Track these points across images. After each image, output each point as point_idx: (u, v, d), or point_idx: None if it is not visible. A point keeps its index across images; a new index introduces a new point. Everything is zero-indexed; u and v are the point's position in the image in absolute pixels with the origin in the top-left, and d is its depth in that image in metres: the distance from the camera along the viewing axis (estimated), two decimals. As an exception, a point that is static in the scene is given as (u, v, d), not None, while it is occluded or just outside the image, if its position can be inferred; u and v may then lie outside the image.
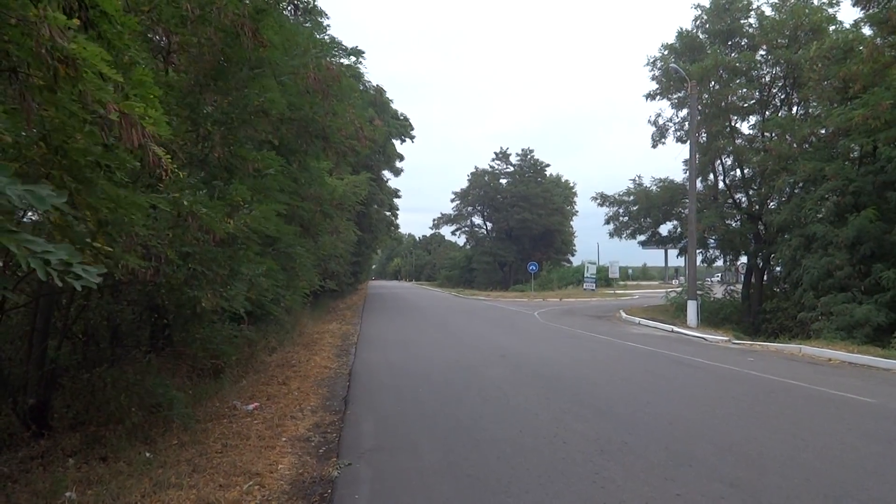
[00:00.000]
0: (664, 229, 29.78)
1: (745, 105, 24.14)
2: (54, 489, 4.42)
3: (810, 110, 22.63)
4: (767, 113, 24.08)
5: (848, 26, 20.03)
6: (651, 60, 26.77)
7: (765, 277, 24.56)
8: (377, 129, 10.48)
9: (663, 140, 28.38)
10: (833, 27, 21.39)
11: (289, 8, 10.11)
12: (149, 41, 5.93)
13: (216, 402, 7.46)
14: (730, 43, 25.12)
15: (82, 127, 2.98)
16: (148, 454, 5.37)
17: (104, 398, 6.20)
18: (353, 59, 10.27)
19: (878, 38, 16.85)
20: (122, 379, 6.40)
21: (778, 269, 23.42)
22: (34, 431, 5.56)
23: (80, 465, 5.09)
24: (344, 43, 8.54)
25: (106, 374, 6.44)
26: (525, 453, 5.69)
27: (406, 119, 36.48)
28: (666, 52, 26.37)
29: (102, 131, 2.93)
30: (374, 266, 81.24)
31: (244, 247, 6.80)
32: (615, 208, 29.91)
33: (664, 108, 48.77)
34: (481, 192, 66.00)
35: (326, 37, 9.70)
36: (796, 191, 20.93)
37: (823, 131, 19.04)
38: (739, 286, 28.36)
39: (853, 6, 18.04)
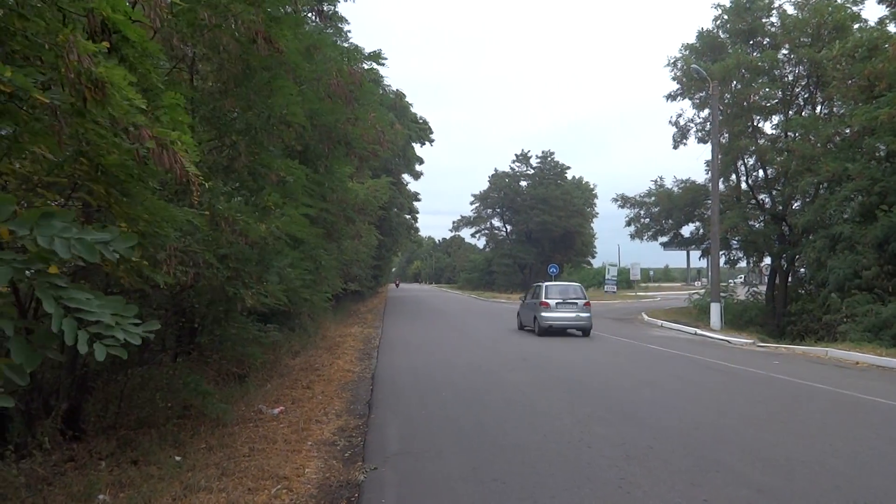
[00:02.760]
0: (686, 231, 29.54)
1: (768, 104, 23.84)
2: (88, 492, 4.52)
3: (834, 109, 22.32)
4: (790, 112, 23.77)
5: (873, 24, 19.75)
6: (672, 61, 26.57)
7: (789, 279, 24.21)
8: (398, 132, 10.55)
9: (685, 141, 28.20)
10: (857, 25, 21.08)
11: (311, 14, 10.22)
12: (170, 52, 6.05)
13: (242, 406, 7.55)
14: (751, 42, 24.86)
15: (116, 144, 3.06)
16: (178, 458, 5.46)
17: (135, 402, 6.33)
18: (372, 63, 10.37)
19: (904, 35, 16.58)
20: (154, 380, 6.52)
21: (802, 270, 23.09)
22: (68, 435, 5.68)
23: (112, 468, 5.19)
24: (365, 45, 8.65)
25: (136, 377, 6.57)
26: (550, 458, 5.69)
27: (425, 122, 36.61)
28: (687, 52, 26.17)
29: (136, 155, 3.00)
30: (394, 269, 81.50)
31: (275, 249, 6.94)
32: (636, 210, 29.74)
33: (685, 108, 48.41)
34: (501, 194, 65.92)
35: (348, 43, 9.79)
36: (820, 191, 20.64)
37: (848, 131, 18.76)
38: (763, 288, 27.98)
39: (878, 3, 17.86)
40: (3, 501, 4.11)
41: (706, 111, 26.03)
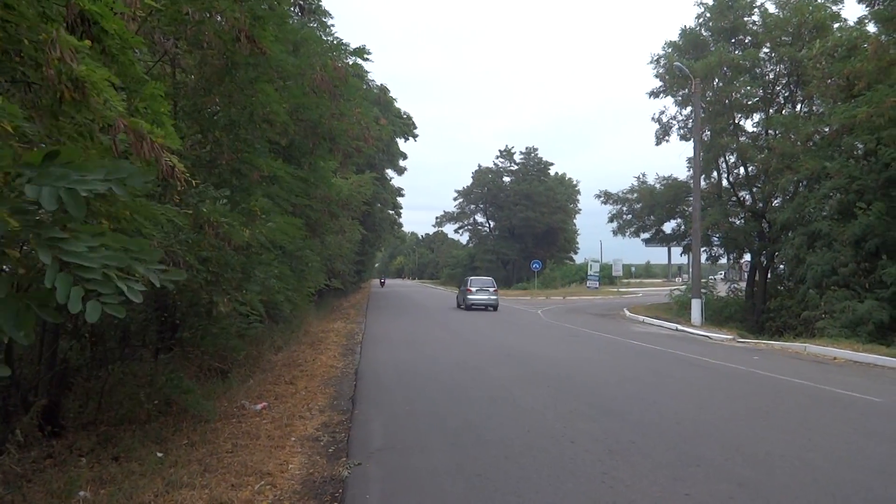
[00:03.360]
0: (668, 227, 29.86)
1: (749, 102, 24.14)
2: (68, 488, 4.46)
3: (814, 108, 22.64)
4: (771, 110, 24.08)
5: (852, 23, 20.03)
6: (655, 58, 26.81)
7: (768, 275, 24.56)
8: (383, 128, 10.51)
9: (667, 138, 28.44)
10: (837, 24, 21.39)
11: (293, 9, 10.13)
12: (152, 46, 5.96)
13: (224, 401, 7.49)
14: (733, 40, 25.12)
15: (93, 142, 3.00)
16: (159, 454, 5.40)
17: (116, 398, 6.25)
18: (356, 58, 10.28)
19: (883, 36, 16.83)
20: (134, 376, 6.45)
21: (781, 266, 23.42)
22: (47, 431, 5.60)
23: (93, 464, 5.13)
24: (348, 39, 8.57)
25: (117, 373, 6.49)
26: (534, 453, 5.71)
27: (409, 117, 36.50)
28: (670, 50, 26.39)
29: (114, 147, 2.95)
30: (377, 265, 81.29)
31: (258, 253, 6.87)
32: (619, 206, 29.99)
33: (668, 105, 48.84)
34: (484, 190, 66.09)
35: (332, 38, 9.70)
36: (800, 189, 20.93)
37: (827, 129, 19.03)
38: (743, 284, 28.35)
39: (858, 3, 18.13)
40: (-20, 499, 4.04)
41: (688, 108, 26.29)
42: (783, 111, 23.85)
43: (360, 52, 9.93)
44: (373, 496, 4.68)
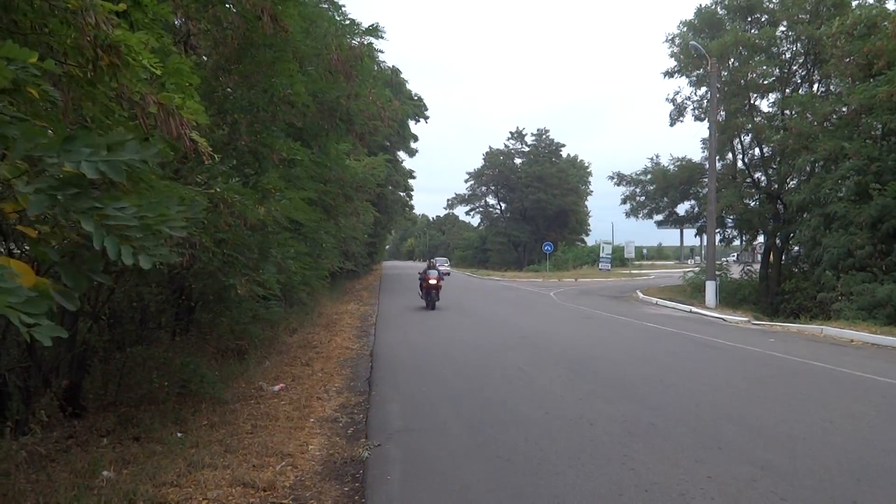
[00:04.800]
0: (681, 209, 29.57)
1: (765, 82, 23.68)
2: (92, 468, 4.49)
3: (832, 87, 22.22)
4: (788, 90, 23.64)
5: (872, 1, 19.56)
6: (670, 37, 26.32)
7: (783, 257, 24.31)
8: (398, 108, 10.40)
9: (681, 118, 28.06)
10: (856, 2, 20.89)
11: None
12: (171, 26, 5.90)
13: (242, 383, 7.54)
14: (749, 19, 24.64)
15: (122, 120, 2.97)
16: (179, 434, 5.44)
17: (135, 379, 6.29)
18: (370, 38, 10.14)
19: (904, 13, 16.43)
20: (152, 359, 6.48)
21: (797, 248, 23.17)
22: (68, 412, 5.64)
23: (115, 444, 5.17)
24: (360, 20, 8.39)
25: (136, 355, 6.52)
26: (553, 435, 5.70)
27: (420, 99, 36.29)
28: (685, 29, 25.94)
29: (142, 122, 2.92)
30: (387, 246, 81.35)
31: (274, 232, 6.85)
32: (632, 188, 29.70)
33: (682, 85, 48.05)
34: (496, 171, 65.78)
35: (343, 18, 9.57)
36: (816, 170, 20.63)
37: (845, 109, 18.68)
38: (756, 266, 28.11)
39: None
40: (7, 477, 4.07)
41: (703, 89, 25.91)
42: (800, 91, 23.42)
43: (374, 30, 9.78)
44: (394, 477, 4.69)
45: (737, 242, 29.95)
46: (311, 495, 4.36)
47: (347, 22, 8.88)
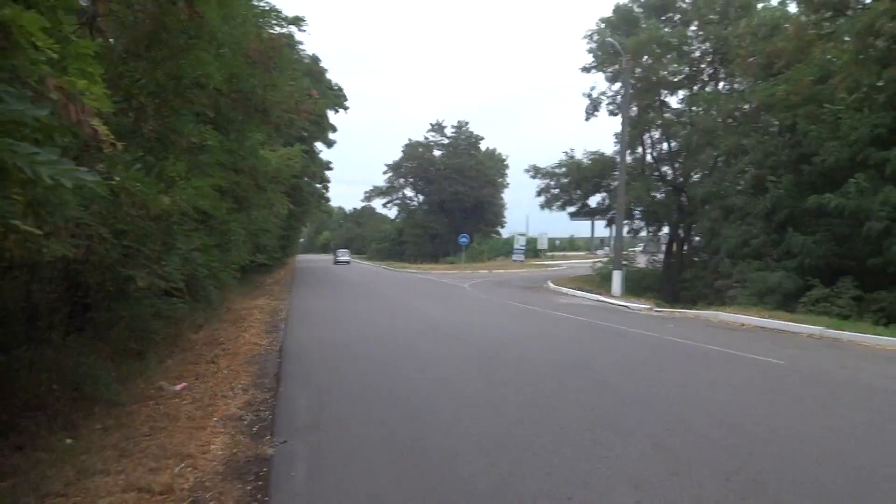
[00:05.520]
0: (593, 201, 30.64)
1: (675, 79, 24.83)
2: (-34, 482, 4.17)
3: (736, 86, 23.50)
4: (696, 88, 24.88)
5: (776, 3, 20.83)
6: (588, 34, 27.16)
7: (685, 247, 25.70)
8: (317, 101, 10.18)
9: (596, 113, 29.01)
10: (761, 4, 22.10)
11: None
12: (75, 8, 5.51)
13: (141, 383, 7.19)
14: (663, 18, 25.72)
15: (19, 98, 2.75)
16: (69, 440, 5.13)
17: (20, 383, 5.86)
18: (292, 27, 9.89)
19: (803, 16, 17.55)
20: (41, 361, 6.07)
21: (698, 238, 24.53)
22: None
23: (-7, 455, 4.82)
24: (281, 6, 8.14)
25: (22, 357, 6.08)
26: (463, 423, 5.80)
27: (340, 89, 35.68)
28: (603, 26, 26.79)
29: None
30: (301, 240, 79.59)
31: (179, 222, 6.54)
32: (547, 181, 30.44)
33: (599, 81, 49.68)
34: (415, 164, 65.75)
35: (265, 4, 9.28)
36: (719, 164, 21.85)
37: (747, 106, 19.82)
38: (661, 256, 29.57)
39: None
40: None
41: (618, 84, 26.87)
42: (707, 88, 24.72)
43: (297, 21, 9.56)
44: (299, 473, 4.63)
45: (644, 233, 31.33)
46: (212, 496, 4.23)
47: (267, 8, 8.59)
